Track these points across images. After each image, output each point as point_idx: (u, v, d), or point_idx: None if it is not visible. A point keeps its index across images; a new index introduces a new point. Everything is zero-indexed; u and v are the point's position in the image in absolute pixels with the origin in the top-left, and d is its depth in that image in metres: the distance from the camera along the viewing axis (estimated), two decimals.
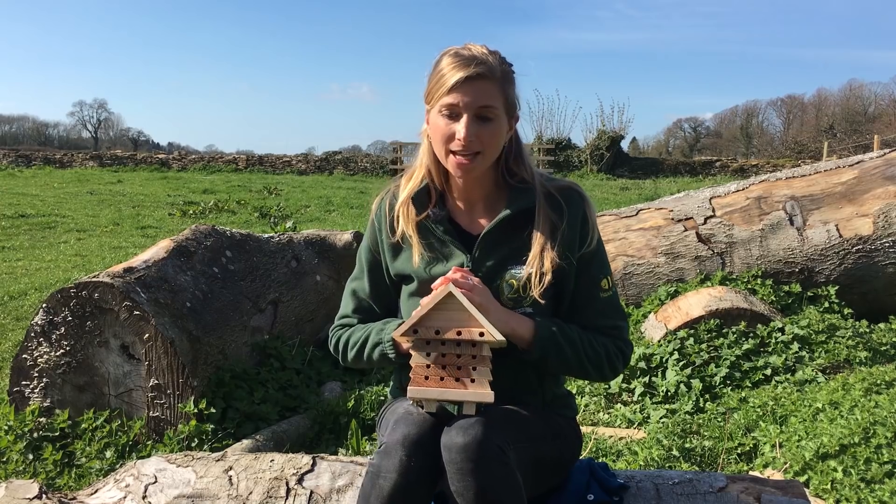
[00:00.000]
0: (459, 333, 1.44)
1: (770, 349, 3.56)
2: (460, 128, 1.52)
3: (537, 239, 1.57)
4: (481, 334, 1.43)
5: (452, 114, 1.53)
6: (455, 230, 1.65)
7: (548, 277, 1.55)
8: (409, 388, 1.45)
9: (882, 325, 4.01)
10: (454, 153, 1.54)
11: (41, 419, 2.99)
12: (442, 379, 1.44)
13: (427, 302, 1.45)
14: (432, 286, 1.48)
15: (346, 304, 1.75)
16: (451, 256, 1.62)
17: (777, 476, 2.42)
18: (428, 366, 1.45)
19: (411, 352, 1.47)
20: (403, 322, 1.57)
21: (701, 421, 2.99)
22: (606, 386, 3.58)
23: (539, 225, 1.58)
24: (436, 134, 1.56)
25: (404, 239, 1.65)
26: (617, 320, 1.64)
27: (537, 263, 1.56)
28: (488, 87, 1.52)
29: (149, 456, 2.50)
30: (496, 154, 1.59)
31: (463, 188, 1.65)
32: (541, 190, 1.62)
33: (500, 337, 1.42)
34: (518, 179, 1.64)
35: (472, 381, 1.43)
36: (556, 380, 1.70)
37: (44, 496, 1.93)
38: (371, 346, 1.61)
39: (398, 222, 1.65)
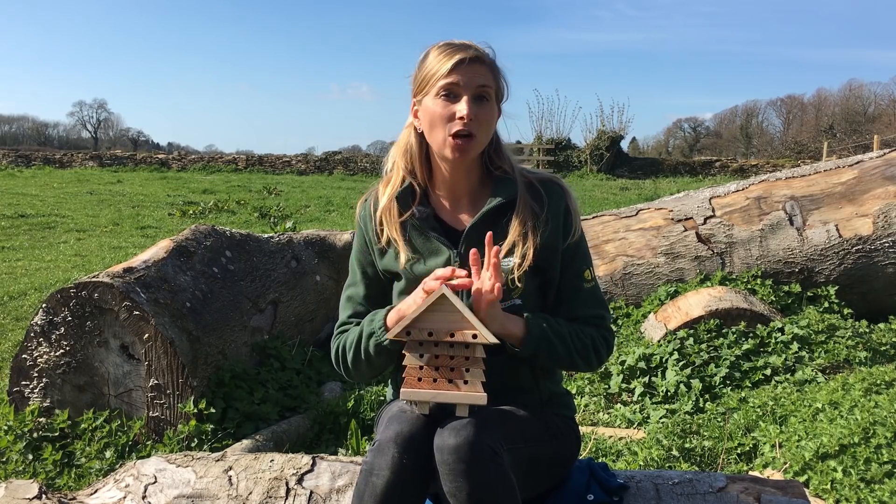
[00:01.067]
0: (452, 335, 1.44)
1: (770, 349, 3.56)
2: (462, 106, 1.54)
3: (518, 224, 1.60)
4: (474, 336, 1.42)
5: (451, 94, 1.56)
6: (440, 226, 1.66)
7: (529, 259, 1.57)
8: (401, 389, 1.45)
9: (882, 325, 4.01)
10: (453, 136, 1.56)
11: (41, 419, 2.99)
12: (435, 380, 1.44)
13: (419, 303, 1.46)
14: (423, 287, 1.48)
15: (343, 312, 1.74)
16: (437, 253, 1.63)
17: (777, 476, 2.42)
18: (421, 367, 1.45)
19: (405, 353, 1.47)
20: (393, 308, 1.59)
21: (701, 421, 2.99)
22: (606, 386, 3.58)
23: (520, 211, 1.61)
24: (433, 117, 1.57)
25: (390, 243, 1.66)
26: (600, 310, 1.66)
27: (519, 246, 1.58)
28: (483, 70, 1.57)
29: (148, 456, 2.50)
30: (488, 139, 1.62)
31: (449, 181, 1.66)
32: (521, 181, 1.65)
33: (492, 339, 1.42)
34: (500, 171, 1.67)
35: (465, 382, 1.43)
36: (554, 379, 1.70)
37: (43, 496, 1.93)
38: (366, 339, 1.60)
39: (381, 229, 1.66)
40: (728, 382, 3.39)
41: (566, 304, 1.65)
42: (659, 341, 3.71)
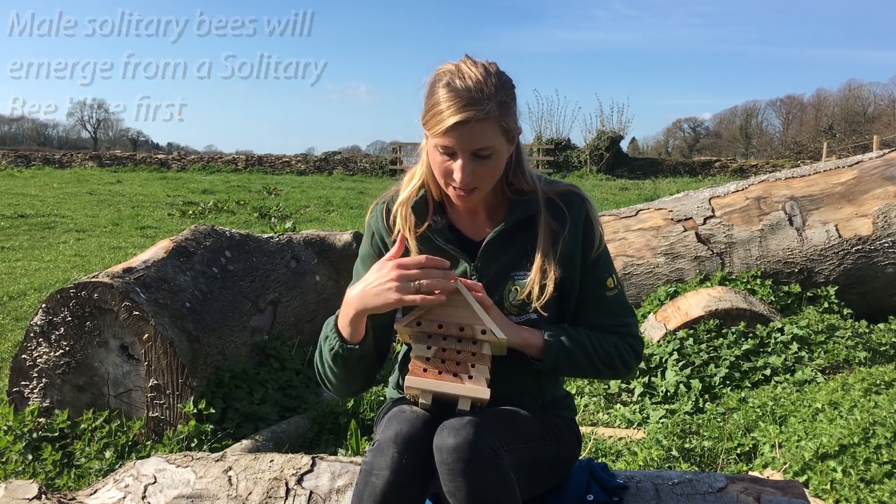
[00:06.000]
0: (462, 329, 1.44)
1: (769, 349, 3.56)
2: (457, 170, 1.47)
3: (539, 251, 1.56)
4: (483, 332, 1.43)
5: (448, 152, 1.49)
6: (456, 238, 1.62)
7: (549, 289, 1.55)
8: (406, 378, 1.45)
9: (882, 325, 4.01)
10: (453, 187, 1.52)
11: (40, 419, 2.99)
12: (440, 373, 1.44)
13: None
14: None
15: None
16: (453, 265, 1.59)
17: (777, 476, 2.42)
18: (428, 358, 1.45)
19: (412, 344, 1.47)
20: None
21: (700, 421, 2.99)
22: (606, 386, 3.58)
23: (541, 236, 1.57)
24: (434, 166, 1.53)
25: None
26: (625, 317, 1.63)
27: (539, 276, 1.55)
28: (484, 128, 1.44)
29: (148, 456, 2.50)
30: (493, 184, 1.55)
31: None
32: (542, 197, 1.59)
33: (501, 336, 1.42)
34: (521, 186, 1.61)
35: (470, 377, 1.43)
36: (555, 382, 1.70)
37: (43, 496, 1.92)
38: (323, 339, 1.57)
39: (394, 221, 1.62)
40: (728, 383, 3.39)
41: (589, 313, 1.62)
42: (658, 341, 3.71)
